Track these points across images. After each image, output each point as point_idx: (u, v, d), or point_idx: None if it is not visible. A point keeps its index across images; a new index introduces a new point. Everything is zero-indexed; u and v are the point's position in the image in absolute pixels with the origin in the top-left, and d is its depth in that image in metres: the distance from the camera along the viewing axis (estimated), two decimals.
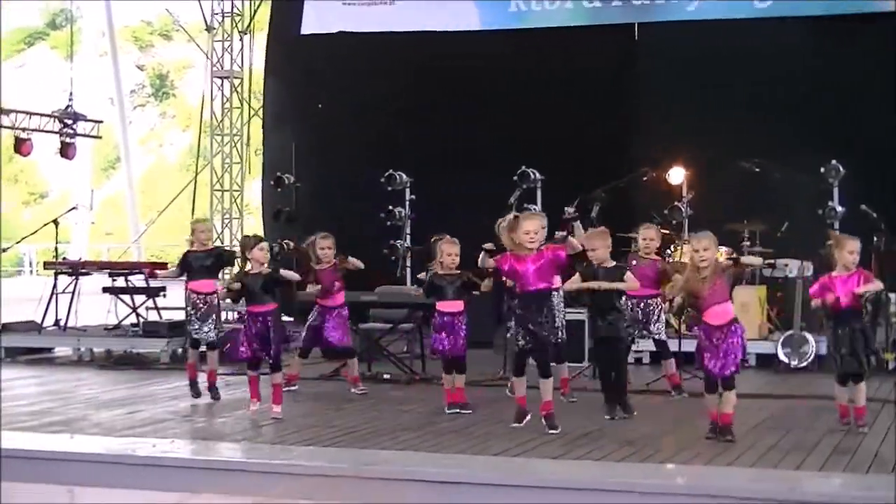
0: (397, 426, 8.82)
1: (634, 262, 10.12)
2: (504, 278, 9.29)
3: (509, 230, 8.76)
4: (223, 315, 18.31)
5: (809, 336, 11.77)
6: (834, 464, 7.35)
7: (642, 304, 10.22)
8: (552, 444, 8.02)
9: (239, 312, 17.82)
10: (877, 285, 8.54)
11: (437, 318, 9.60)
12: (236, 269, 11.49)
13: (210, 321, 10.32)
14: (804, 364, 11.75)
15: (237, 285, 9.55)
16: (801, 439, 8.12)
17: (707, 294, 8.16)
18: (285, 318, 15.72)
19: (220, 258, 10.85)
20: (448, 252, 9.56)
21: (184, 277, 10.72)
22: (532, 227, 8.62)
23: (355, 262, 10.81)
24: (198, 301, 10.37)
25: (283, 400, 9.32)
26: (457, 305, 9.53)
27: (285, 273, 9.64)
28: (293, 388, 10.63)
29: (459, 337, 9.47)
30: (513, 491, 6.79)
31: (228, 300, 10.52)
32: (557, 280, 9.15)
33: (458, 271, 9.58)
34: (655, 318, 10.28)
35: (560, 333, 9.43)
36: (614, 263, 9.26)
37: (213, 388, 10.32)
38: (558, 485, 6.76)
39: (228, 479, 7.25)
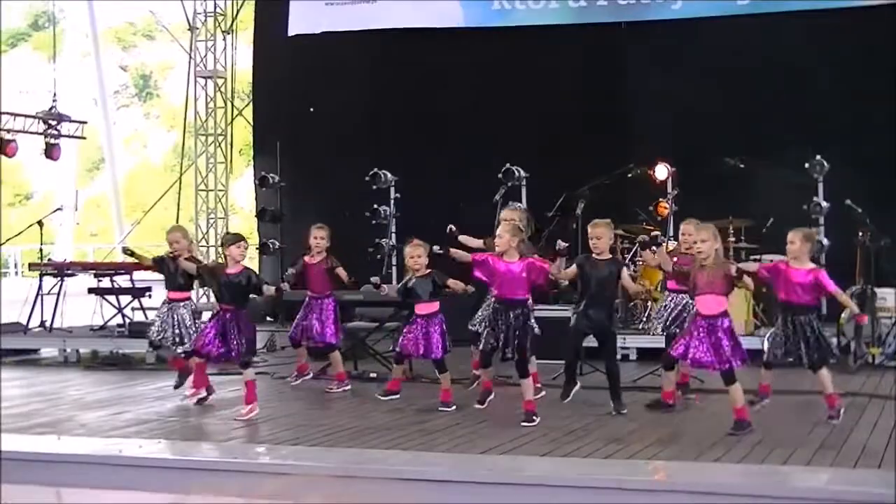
0: (384, 425, 8.80)
1: (676, 259, 9.70)
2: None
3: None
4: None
5: None
6: (821, 458, 7.35)
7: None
8: (538, 442, 8.02)
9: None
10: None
11: (411, 322, 9.64)
12: None
13: None
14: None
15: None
16: (789, 434, 8.12)
17: (702, 282, 8.37)
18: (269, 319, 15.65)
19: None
20: (410, 255, 9.58)
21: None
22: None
23: (342, 273, 10.73)
24: None
25: (275, 399, 9.16)
26: (430, 307, 9.54)
27: (267, 289, 9.62)
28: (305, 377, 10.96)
29: (432, 339, 9.46)
30: (501, 489, 6.79)
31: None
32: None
33: (428, 271, 9.55)
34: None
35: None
36: (611, 257, 9.31)
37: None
38: (546, 482, 6.76)
39: (215, 480, 7.24)
